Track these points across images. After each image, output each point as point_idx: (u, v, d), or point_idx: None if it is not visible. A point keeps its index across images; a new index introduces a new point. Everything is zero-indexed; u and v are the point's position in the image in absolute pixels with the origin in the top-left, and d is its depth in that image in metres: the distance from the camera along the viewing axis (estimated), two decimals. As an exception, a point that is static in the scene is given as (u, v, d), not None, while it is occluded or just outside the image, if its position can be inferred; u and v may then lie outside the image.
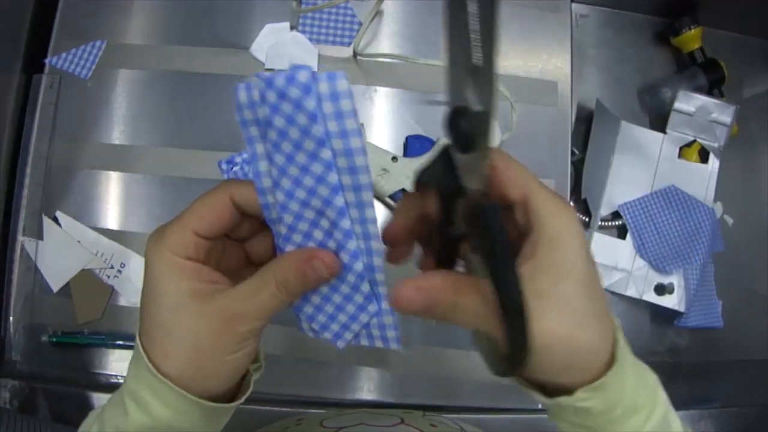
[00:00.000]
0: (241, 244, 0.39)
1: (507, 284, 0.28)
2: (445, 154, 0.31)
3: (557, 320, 0.30)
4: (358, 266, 0.34)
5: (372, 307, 0.36)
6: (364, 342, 0.38)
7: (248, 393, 0.38)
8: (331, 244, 0.34)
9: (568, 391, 0.32)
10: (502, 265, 0.29)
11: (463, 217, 0.32)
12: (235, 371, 0.35)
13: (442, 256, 0.36)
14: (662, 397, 0.35)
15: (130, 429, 0.34)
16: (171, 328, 0.33)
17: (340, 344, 0.38)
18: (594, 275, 0.32)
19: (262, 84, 0.30)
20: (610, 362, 0.32)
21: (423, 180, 0.33)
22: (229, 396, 0.37)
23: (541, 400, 0.34)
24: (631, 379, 0.33)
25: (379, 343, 0.38)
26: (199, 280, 0.34)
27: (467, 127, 0.28)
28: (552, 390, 0.33)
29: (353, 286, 0.35)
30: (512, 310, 0.28)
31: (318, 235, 0.34)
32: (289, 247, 0.35)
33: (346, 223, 0.33)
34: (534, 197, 0.32)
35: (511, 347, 0.29)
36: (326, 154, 0.31)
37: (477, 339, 0.36)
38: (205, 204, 0.35)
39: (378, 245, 0.34)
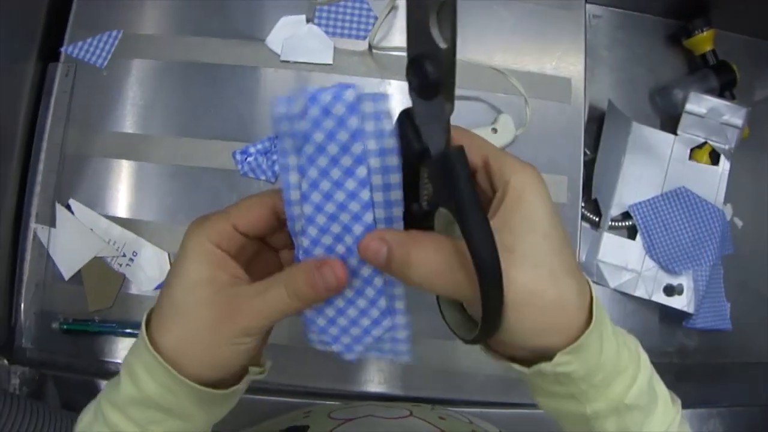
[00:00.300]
0: (276, 253, 0.40)
1: (477, 233, 0.28)
2: (403, 121, 0.31)
3: (526, 274, 0.30)
4: (378, 282, 0.35)
5: (387, 323, 0.36)
6: (374, 354, 0.38)
7: (241, 388, 0.38)
8: (353, 261, 0.34)
9: (546, 358, 0.32)
10: (472, 212, 0.28)
11: (429, 177, 0.32)
12: (229, 364, 0.35)
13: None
14: (645, 361, 0.35)
15: (120, 399, 0.35)
16: (178, 306, 0.34)
17: (350, 357, 0.38)
18: (561, 231, 0.31)
19: (305, 99, 0.31)
20: (587, 324, 0.31)
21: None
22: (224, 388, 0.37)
23: (519, 370, 0.34)
24: (612, 341, 0.33)
25: (389, 356, 0.38)
26: (221, 270, 0.35)
27: (433, 69, 0.27)
28: (531, 360, 0.33)
29: (371, 301, 0.35)
30: (484, 261, 0.27)
31: (340, 249, 0.34)
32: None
33: (368, 217, 0.33)
34: (495, 160, 0.33)
35: (485, 305, 0.29)
36: (362, 171, 0.32)
37: (443, 306, 0.36)
38: (249, 203, 0.36)
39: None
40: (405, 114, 0.31)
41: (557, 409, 0.36)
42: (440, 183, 0.31)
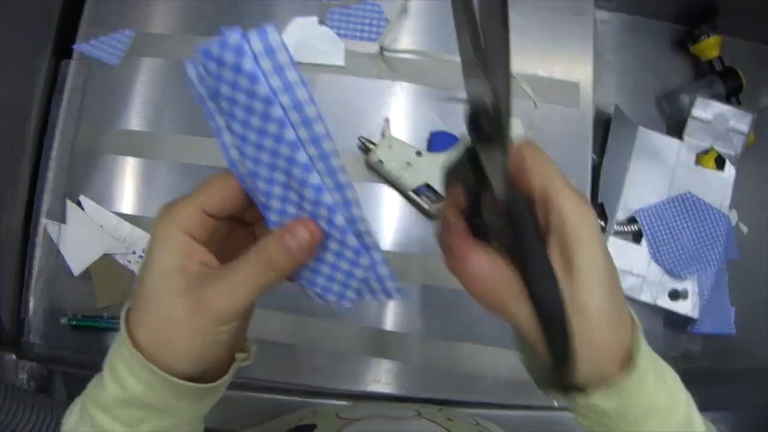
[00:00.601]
0: (252, 228, 0.39)
1: (545, 291, 0.30)
2: (469, 152, 0.33)
3: (581, 322, 0.31)
4: (339, 220, 0.33)
5: (364, 260, 0.35)
6: (368, 297, 0.37)
7: (226, 379, 0.37)
8: (307, 206, 0.33)
9: (581, 388, 0.33)
10: (537, 266, 0.31)
11: (493, 212, 0.33)
12: (209, 354, 0.34)
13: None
14: (683, 397, 0.36)
15: (105, 400, 0.34)
16: (151, 298, 0.33)
17: (347, 304, 0.37)
18: (615, 276, 0.32)
19: (201, 56, 0.30)
20: (627, 362, 0.32)
21: (450, 177, 0.36)
22: (209, 381, 0.36)
23: (557, 398, 0.35)
24: (651, 381, 0.33)
25: (381, 297, 0.37)
26: (191, 259, 0.34)
27: (485, 123, 0.30)
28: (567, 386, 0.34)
29: (340, 242, 0.34)
30: (552, 320, 0.30)
31: (293, 196, 0.33)
32: (272, 216, 0.34)
33: (314, 178, 0.32)
34: (556, 195, 0.32)
35: (554, 357, 0.31)
36: (277, 111, 0.30)
37: (521, 351, 0.37)
38: (214, 183, 0.35)
39: (353, 194, 0.33)
40: (471, 147, 0.32)
41: (590, 428, 0.36)
42: (506, 224, 0.32)
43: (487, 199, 0.33)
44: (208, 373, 0.36)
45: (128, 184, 0.79)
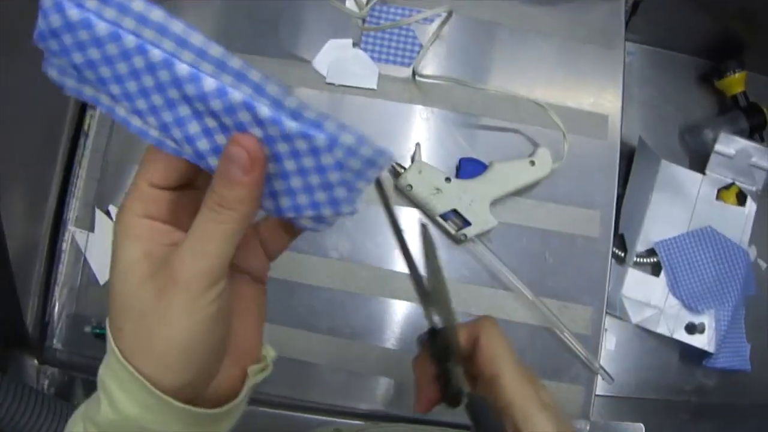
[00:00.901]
0: None
1: None
2: (432, 333, 0.41)
3: None
4: (263, 111, 0.27)
5: (320, 140, 0.28)
6: (361, 185, 0.31)
7: (237, 403, 0.33)
8: (228, 121, 0.28)
9: None
10: None
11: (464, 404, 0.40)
12: (195, 346, 0.29)
13: (448, 397, 0.41)
14: None
15: (101, 421, 0.30)
16: (120, 296, 0.29)
17: (350, 209, 0.31)
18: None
19: (39, 40, 0.28)
20: None
21: (421, 347, 0.43)
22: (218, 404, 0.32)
23: None
24: None
25: (374, 171, 0.31)
26: (154, 242, 0.30)
27: (440, 343, 0.39)
28: None
29: (283, 137, 0.28)
30: None
31: (211, 122, 0.29)
32: (211, 161, 0.30)
33: (209, 83, 0.27)
34: (502, 375, 0.39)
35: None
36: (129, 41, 0.27)
37: None
38: (152, 151, 0.31)
39: (257, 74, 0.28)
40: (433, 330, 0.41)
41: None
42: (473, 419, 0.39)
43: (455, 373, 0.40)
44: (215, 394, 0.32)
45: (157, 196, 0.80)
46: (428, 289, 0.39)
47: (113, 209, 0.79)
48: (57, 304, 0.78)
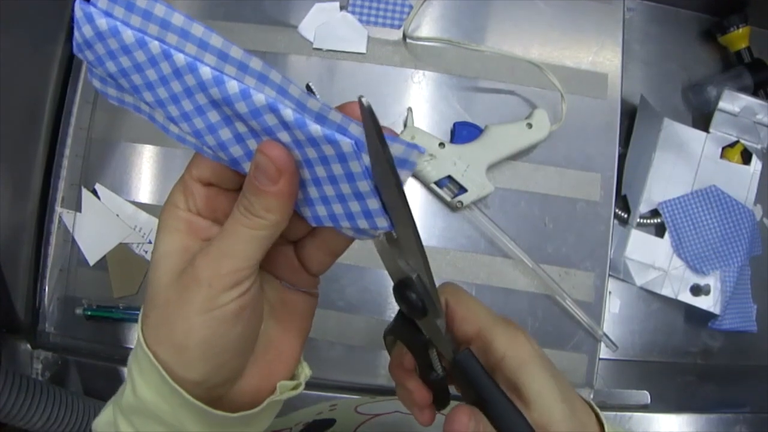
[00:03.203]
0: None
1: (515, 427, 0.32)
2: (403, 315, 0.34)
3: None
4: (287, 114, 0.27)
5: (345, 145, 0.27)
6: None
7: (252, 413, 0.32)
8: (256, 125, 0.28)
9: None
10: (503, 409, 0.32)
11: (447, 367, 0.35)
12: (208, 344, 0.29)
13: (438, 398, 0.37)
14: None
15: (125, 406, 0.31)
16: (150, 285, 0.30)
17: (385, 223, 0.29)
18: (563, 384, 0.34)
19: (91, 55, 0.29)
20: None
21: (391, 339, 0.37)
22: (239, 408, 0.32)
23: None
24: None
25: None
26: (192, 236, 0.31)
27: (411, 295, 0.31)
28: None
29: (309, 140, 0.27)
30: None
31: (241, 127, 0.28)
32: (246, 167, 0.29)
33: (233, 86, 0.27)
34: (487, 333, 0.34)
35: None
36: (155, 47, 0.27)
37: None
38: None
39: (277, 75, 0.27)
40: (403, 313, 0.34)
41: None
42: (463, 383, 0.34)
43: (435, 354, 0.35)
44: (237, 398, 0.32)
45: (145, 173, 0.78)
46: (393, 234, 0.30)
47: (100, 188, 0.77)
48: (47, 287, 0.76)
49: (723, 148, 0.91)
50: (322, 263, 0.35)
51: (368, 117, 0.25)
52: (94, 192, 0.77)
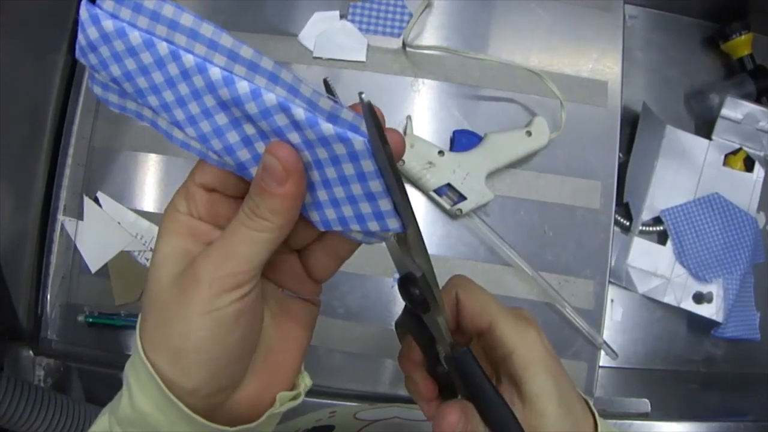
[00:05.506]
0: None
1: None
2: (410, 309, 0.34)
3: None
4: (299, 114, 0.26)
5: (358, 144, 0.26)
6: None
7: (250, 427, 0.31)
8: (265, 126, 0.27)
9: None
10: (496, 411, 0.32)
11: (445, 364, 0.35)
12: (205, 349, 0.28)
13: (444, 391, 0.37)
14: None
15: (120, 416, 0.31)
16: (149, 289, 0.30)
17: (397, 225, 0.29)
18: (565, 385, 0.34)
19: (83, 57, 0.28)
20: None
21: (401, 329, 0.38)
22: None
23: None
24: None
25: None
26: (193, 240, 0.30)
27: (415, 291, 0.31)
28: None
29: (320, 140, 0.27)
30: None
31: (250, 129, 0.28)
32: (254, 172, 0.29)
33: (243, 86, 0.26)
34: (496, 326, 0.34)
35: None
36: (162, 48, 0.26)
37: None
38: None
39: (288, 74, 0.27)
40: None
41: None
42: (458, 380, 0.34)
43: (440, 349, 0.35)
44: (235, 409, 0.31)
45: (146, 181, 0.78)
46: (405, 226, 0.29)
47: (102, 196, 0.78)
48: (49, 294, 0.77)
49: (726, 156, 0.91)
50: (327, 269, 0.35)
51: (368, 113, 0.25)
52: (96, 200, 0.78)
